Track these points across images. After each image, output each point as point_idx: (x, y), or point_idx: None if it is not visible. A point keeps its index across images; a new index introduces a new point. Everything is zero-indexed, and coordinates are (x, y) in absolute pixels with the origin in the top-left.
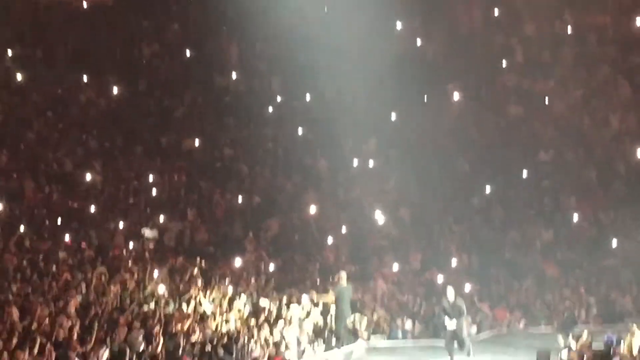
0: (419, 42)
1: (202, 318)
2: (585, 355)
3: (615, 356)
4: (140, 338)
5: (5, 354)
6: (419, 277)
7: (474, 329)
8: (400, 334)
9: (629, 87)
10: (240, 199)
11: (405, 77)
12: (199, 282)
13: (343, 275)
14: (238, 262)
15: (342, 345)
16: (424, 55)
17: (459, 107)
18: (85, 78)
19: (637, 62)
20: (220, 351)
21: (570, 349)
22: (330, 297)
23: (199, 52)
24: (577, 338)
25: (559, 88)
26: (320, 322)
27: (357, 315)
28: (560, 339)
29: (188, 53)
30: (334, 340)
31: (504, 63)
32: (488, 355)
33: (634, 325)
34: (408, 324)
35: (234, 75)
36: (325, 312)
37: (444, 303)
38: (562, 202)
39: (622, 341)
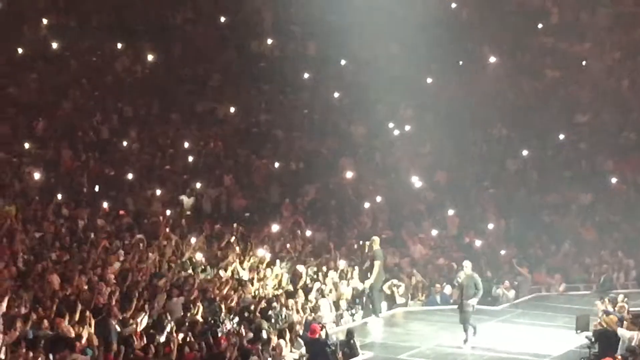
0: (453, 4)
1: (240, 284)
2: (624, 318)
3: None
4: (180, 305)
5: (46, 321)
6: (456, 242)
7: (512, 293)
8: (438, 299)
9: None
10: (276, 164)
11: (440, 40)
12: (237, 248)
13: (376, 239)
14: (275, 227)
15: (377, 310)
16: (459, 17)
17: (495, 70)
18: (119, 46)
19: None
20: (258, 317)
21: (608, 312)
22: (377, 263)
23: (233, 17)
24: (614, 302)
25: (595, 50)
26: (360, 288)
27: (394, 280)
28: (599, 303)
29: (222, 19)
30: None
31: (540, 25)
32: (526, 319)
33: None
34: (446, 289)
35: (268, 41)
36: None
37: (458, 276)
38: (600, 165)
39: None
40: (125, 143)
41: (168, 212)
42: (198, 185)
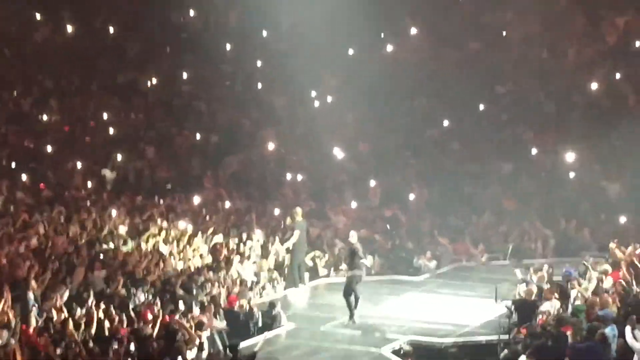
0: None
1: (161, 257)
2: (543, 288)
3: (574, 289)
4: (101, 278)
5: None
6: (378, 212)
7: (433, 263)
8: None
9: (585, 18)
10: (198, 136)
11: (363, 11)
12: (158, 220)
13: (298, 210)
14: (197, 199)
15: (297, 281)
16: None
17: (416, 41)
18: (39, 16)
19: None
20: (179, 290)
21: (528, 282)
22: (295, 234)
23: None
24: (536, 271)
25: (515, 20)
26: (280, 259)
27: (317, 252)
28: (518, 272)
29: None
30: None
31: None
32: (448, 289)
33: (591, 258)
34: (369, 260)
35: (191, 12)
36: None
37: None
38: (520, 135)
39: (580, 274)
40: (45, 116)
41: (89, 185)
42: (119, 157)
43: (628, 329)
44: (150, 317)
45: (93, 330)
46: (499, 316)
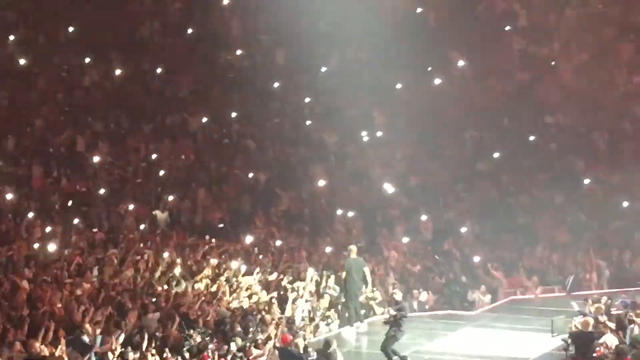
0: (419, 9)
1: (215, 296)
2: (600, 320)
3: (632, 321)
4: (155, 320)
5: (18, 343)
6: (431, 247)
7: (488, 297)
8: (415, 305)
9: (633, 47)
10: (249, 175)
11: (409, 44)
12: (211, 260)
13: (353, 248)
14: (249, 239)
15: (352, 320)
16: (426, 21)
17: (464, 73)
18: (88, 60)
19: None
20: (236, 329)
21: (585, 313)
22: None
23: (201, 28)
24: (594, 303)
25: (564, 51)
26: (334, 297)
27: (369, 289)
28: (575, 304)
29: (190, 30)
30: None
31: (508, 27)
32: (503, 323)
33: None
34: (423, 296)
35: (237, 51)
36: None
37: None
38: (571, 165)
39: (637, 305)
40: (96, 158)
41: (142, 227)
42: (171, 198)
43: None
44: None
45: None
46: (556, 349)
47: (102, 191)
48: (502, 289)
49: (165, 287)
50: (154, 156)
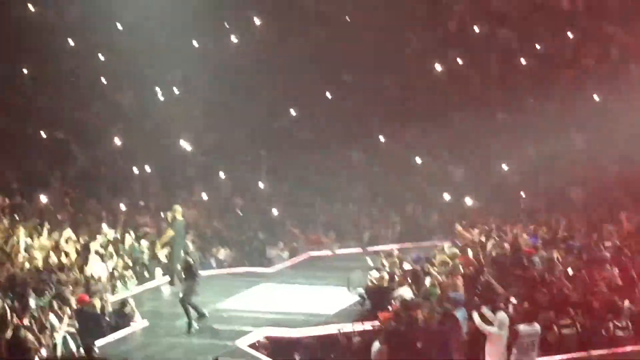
0: None
1: (8, 257)
2: (395, 274)
3: (427, 273)
4: None
5: None
6: (229, 204)
7: (286, 253)
8: (214, 263)
9: (426, 5)
10: (43, 133)
11: (206, 2)
12: (5, 221)
13: (178, 208)
14: (44, 198)
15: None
16: None
17: (261, 31)
18: None
19: None
20: (29, 291)
21: (380, 268)
22: (168, 233)
23: None
24: (387, 257)
25: (359, 8)
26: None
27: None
28: (369, 260)
29: None
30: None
31: None
32: (301, 279)
33: (442, 243)
34: (221, 253)
35: (31, 7)
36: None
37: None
38: (367, 123)
39: (430, 259)
40: None
41: None
42: None
43: (475, 314)
44: None
45: None
46: (353, 304)
47: None
48: (300, 246)
49: None
50: None
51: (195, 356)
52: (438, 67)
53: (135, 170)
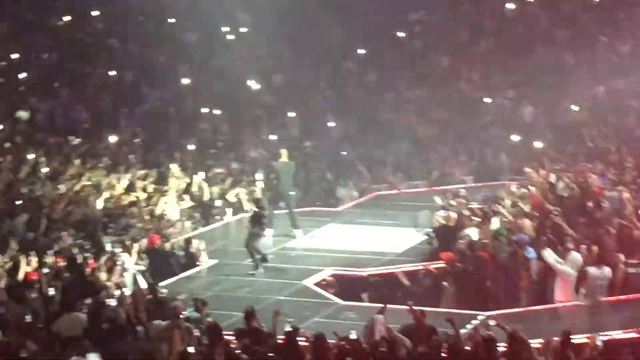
0: None
1: (80, 197)
2: (463, 214)
3: (497, 212)
4: (22, 222)
5: None
6: (297, 144)
7: (355, 193)
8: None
9: None
10: (111, 73)
11: None
12: (76, 161)
13: (284, 152)
14: (113, 138)
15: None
16: None
17: None
18: None
19: None
20: (102, 229)
21: (447, 207)
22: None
23: None
24: (454, 197)
25: None
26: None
27: (240, 188)
28: (438, 199)
29: None
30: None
31: None
32: (369, 219)
33: (509, 183)
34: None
35: None
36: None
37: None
38: (436, 62)
39: (498, 199)
40: None
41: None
42: (33, 99)
43: (548, 252)
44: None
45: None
46: (420, 243)
47: None
48: (368, 185)
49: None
50: (14, 56)
51: (261, 294)
52: (508, 6)
53: (204, 110)
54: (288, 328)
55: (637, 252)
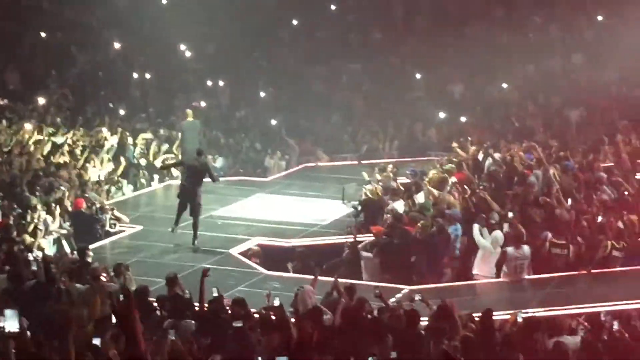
0: None
1: (7, 159)
2: (389, 187)
3: (420, 188)
4: None
5: None
6: (228, 113)
7: (283, 164)
8: None
9: None
10: (42, 35)
11: None
12: (4, 122)
13: (189, 111)
14: (41, 100)
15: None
16: None
17: None
18: None
19: None
20: (25, 190)
21: (374, 181)
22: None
23: None
24: (381, 171)
25: None
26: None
27: (169, 155)
28: (364, 173)
29: None
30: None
31: None
32: (296, 190)
33: (438, 157)
34: (219, 161)
35: None
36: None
37: None
38: (368, 36)
39: (425, 174)
40: None
41: None
42: None
43: (476, 226)
44: None
45: None
46: (346, 215)
47: None
48: (296, 156)
49: None
50: None
51: (186, 262)
52: None
53: (135, 75)
54: (215, 294)
55: (563, 231)
